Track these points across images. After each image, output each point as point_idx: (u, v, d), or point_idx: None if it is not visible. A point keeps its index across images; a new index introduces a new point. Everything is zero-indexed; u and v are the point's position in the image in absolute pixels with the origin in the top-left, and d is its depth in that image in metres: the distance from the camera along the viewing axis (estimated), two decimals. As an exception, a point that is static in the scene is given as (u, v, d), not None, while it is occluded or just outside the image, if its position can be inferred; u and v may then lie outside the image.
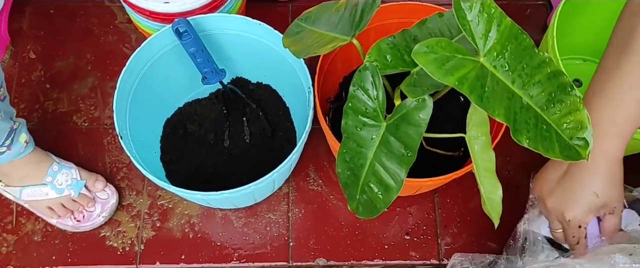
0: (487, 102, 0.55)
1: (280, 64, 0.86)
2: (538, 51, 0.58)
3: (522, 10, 1.12)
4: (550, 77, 0.58)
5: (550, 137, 0.57)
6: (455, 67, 0.54)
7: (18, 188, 0.88)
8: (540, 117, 0.57)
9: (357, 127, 0.63)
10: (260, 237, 0.93)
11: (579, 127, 0.57)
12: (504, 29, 0.57)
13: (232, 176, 0.92)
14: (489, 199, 0.63)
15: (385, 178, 0.62)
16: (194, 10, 0.83)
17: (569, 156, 0.57)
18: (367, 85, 0.62)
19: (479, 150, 0.63)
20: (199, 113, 0.96)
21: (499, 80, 0.56)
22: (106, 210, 0.91)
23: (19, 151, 0.83)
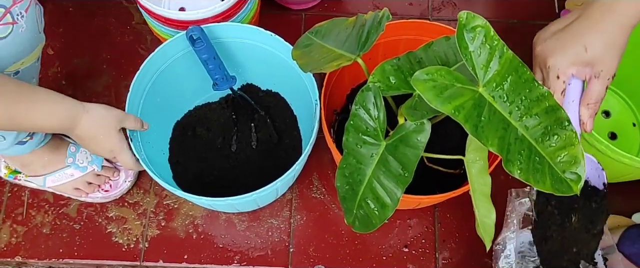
0: (481, 131, 0.56)
1: (289, 74, 0.88)
2: (538, 85, 0.60)
3: (533, 29, 1.11)
4: (548, 110, 0.59)
5: (543, 170, 0.58)
6: (453, 95, 0.56)
7: (42, 177, 0.91)
8: (534, 149, 0.58)
9: (357, 144, 0.65)
10: (262, 241, 0.95)
11: (572, 161, 0.58)
12: (505, 61, 0.59)
13: (237, 180, 0.94)
14: (482, 222, 0.64)
15: (382, 196, 0.63)
16: (207, 19, 0.85)
17: (560, 189, 0.58)
18: (369, 105, 0.64)
19: (476, 174, 0.65)
20: (209, 117, 0.98)
21: (496, 111, 0.58)
22: (130, 175, 0.95)
23: (40, 139, 0.86)
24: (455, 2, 1.16)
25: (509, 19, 1.14)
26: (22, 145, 0.83)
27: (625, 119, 1.03)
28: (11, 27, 0.66)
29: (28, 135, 0.82)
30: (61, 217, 0.95)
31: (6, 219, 0.95)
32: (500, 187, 0.98)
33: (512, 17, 1.14)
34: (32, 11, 0.70)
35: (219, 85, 0.87)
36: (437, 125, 0.84)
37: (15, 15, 0.66)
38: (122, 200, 0.97)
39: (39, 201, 0.96)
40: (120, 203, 0.97)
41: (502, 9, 1.16)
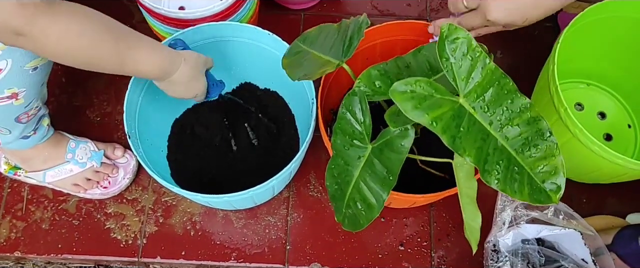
0: (459, 142, 0.57)
1: (287, 73, 0.88)
2: (520, 95, 0.60)
3: (530, 31, 1.13)
4: (530, 121, 0.59)
5: (521, 180, 0.58)
6: (432, 106, 0.56)
7: (41, 172, 0.92)
8: (513, 159, 0.59)
9: (345, 146, 0.66)
10: (259, 238, 0.95)
11: (552, 171, 0.59)
12: (487, 72, 0.59)
13: (235, 178, 0.95)
14: (469, 226, 0.65)
15: (368, 197, 0.64)
16: (206, 18, 0.86)
17: (538, 199, 0.58)
18: (355, 110, 0.65)
19: (463, 177, 0.65)
20: (207, 115, 0.99)
21: (476, 121, 0.58)
22: (129, 172, 0.96)
23: (43, 134, 0.87)
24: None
25: (506, 20, 1.15)
26: (25, 140, 0.84)
27: (621, 121, 1.04)
28: None
29: (32, 129, 0.83)
30: (60, 213, 0.96)
31: (6, 215, 0.96)
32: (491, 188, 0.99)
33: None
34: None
35: (209, 93, 0.86)
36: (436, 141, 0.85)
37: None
38: (120, 197, 0.98)
39: (39, 197, 0.97)
40: (118, 199, 0.98)
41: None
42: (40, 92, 0.78)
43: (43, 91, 0.81)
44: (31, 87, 0.73)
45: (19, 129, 0.81)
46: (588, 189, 0.99)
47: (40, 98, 0.80)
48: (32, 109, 0.79)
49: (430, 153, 0.84)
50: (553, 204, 0.61)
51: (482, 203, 0.92)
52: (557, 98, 0.82)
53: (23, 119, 0.79)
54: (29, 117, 0.80)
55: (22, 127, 0.81)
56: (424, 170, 0.85)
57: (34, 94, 0.76)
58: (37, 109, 0.81)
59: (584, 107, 1.04)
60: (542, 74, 0.94)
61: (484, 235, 0.89)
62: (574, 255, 0.83)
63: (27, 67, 0.70)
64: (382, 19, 1.13)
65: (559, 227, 0.83)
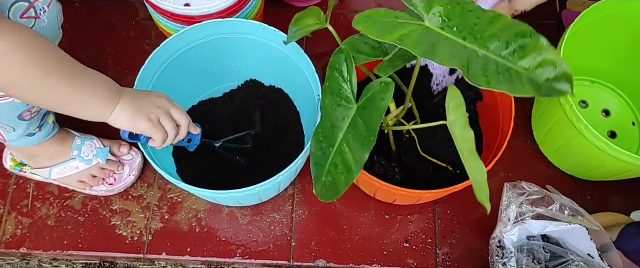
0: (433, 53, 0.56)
1: (292, 70, 0.89)
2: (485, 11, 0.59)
3: (534, 28, 1.13)
4: (506, 27, 0.58)
5: (520, 79, 0.56)
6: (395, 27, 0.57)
7: (47, 169, 0.92)
8: (501, 64, 0.56)
9: (332, 106, 0.68)
10: (264, 235, 0.96)
11: (554, 66, 0.56)
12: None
13: (240, 175, 0.95)
14: (475, 181, 0.62)
15: (349, 160, 0.65)
16: (212, 14, 0.86)
17: (547, 93, 0.55)
18: (342, 68, 0.67)
19: (459, 132, 0.63)
20: (212, 111, 0.99)
21: (448, 38, 0.58)
22: (134, 169, 0.97)
23: (48, 131, 0.87)
24: (457, 1, 1.17)
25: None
26: (30, 137, 0.84)
27: (625, 118, 1.04)
28: (33, 21, 0.67)
29: (37, 126, 0.83)
30: (66, 209, 0.97)
31: (11, 211, 0.96)
32: (499, 185, 1.00)
33: (514, 16, 1.15)
34: (54, 7, 0.71)
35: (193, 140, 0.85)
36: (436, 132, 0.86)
37: (38, 10, 0.68)
38: (126, 193, 0.98)
39: (44, 193, 0.98)
40: (124, 196, 0.98)
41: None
42: None
43: None
44: None
45: (23, 126, 0.81)
46: (592, 186, 0.99)
47: None
48: (35, 106, 0.79)
49: (432, 147, 0.84)
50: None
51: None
52: (562, 95, 0.83)
53: (26, 116, 0.79)
54: (32, 114, 0.80)
55: (26, 125, 0.81)
56: (428, 166, 0.86)
57: None
58: (40, 109, 0.81)
59: (588, 104, 1.05)
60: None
61: (490, 232, 0.89)
62: (580, 250, 0.83)
63: None
64: (386, 17, 1.14)
65: (565, 223, 0.83)
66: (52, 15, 0.71)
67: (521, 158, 1.01)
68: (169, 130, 0.74)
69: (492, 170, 0.79)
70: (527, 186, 0.84)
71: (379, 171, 0.85)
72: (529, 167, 1.00)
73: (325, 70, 0.82)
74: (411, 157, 0.86)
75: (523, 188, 0.84)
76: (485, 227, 0.95)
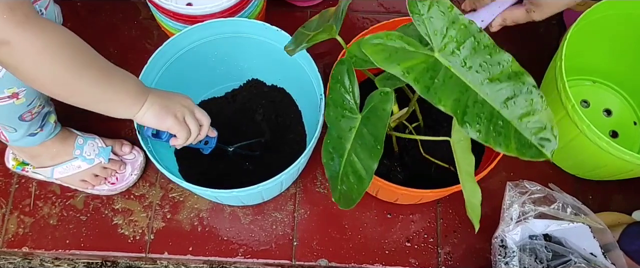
0: (433, 93, 0.56)
1: (295, 70, 0.89)
2: (499, 50, 0.59)
3: (536, 28, 1.14)
4: (511, 76, 0.59)
5: (507, 134, 0.57)
6: (403, 57, 0.57)
7: (49, 168, 0.93)
8: (496, 113, 0.57)
9: (337, 118, 0.68)
10: (266, 234, 0.96)
11: (543, 127, 0.57)
12: (460, 27, 0.59)
13: (242, 174, 0.95)
14: (469, 203, 0.64)
15: (359, 169, 0.65)
16: (215, 14, 0.87)
17: (528, 154, 0.57)
18: (344, 79, 0.67)
19: (460, 154, 0.65)
20: (214, 111, 0.99)
21: (453, 75, 0.58)
22: (136, 168, 0.97)
23: (50, 131, 0.87)
24: (459, 0, 1.17)
25: (512, 17, 1.15)
26: (33, 137, 0.84)
27: (627, 118, 1.04)
28: None
29: (39, 126, 0.83)
30: (68, 208, 0.97)
31: (14, 210, 0.96)
32: (500, 185, 1.00)
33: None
34: (52, 9, 0.71)
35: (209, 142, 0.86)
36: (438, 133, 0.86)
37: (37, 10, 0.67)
38: (128, 193, 0.98)
39: (46, 193, 0.98)
40: (126, 195, 0.98)
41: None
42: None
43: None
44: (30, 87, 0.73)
45: (24, 127, 0.81)
46: (594, 186, 0.99)
47: (42, 96, 0.80)
48: (35, 107, 0.79)
49: (433, 147, 0.84)
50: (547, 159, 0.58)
51: (490, 199, 0.93)
52: (564, 94, 0.83)
53: (27, 117, 0.79)
54: (33, 115, 0.80)
55: (27, 125, 0.81)
56: (430, 166, 0.86)
57: (35, 92, 0.76)
58: (40, 107, 0.81)
59: (590, 104, 1.05)
60: (549, 71, 0.94)
61: (492, 231, 0.89)
62: (583, 249, 0.83)
63: None
64: (388, 16, 1.13)
65: (567, 222, 0.83)
66: (51, 17, 0.71)
67: (523, 158, 1.01)
68: (193, 129, 0.76)
69: (493, 170, 0.79)
70: (529, 185, 0.84)
71: (382, 170, 0.85)
72: (531, 166, 1.00)
73: (326, 69, 0.83)
74: (413, 157, 0.86)
75: (525, 187, 0.84)
76: (487, 227, 0.94)
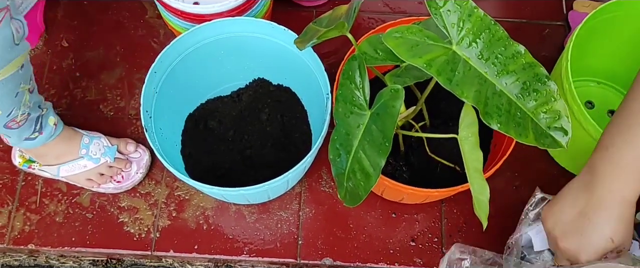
0: (455, 84, 0.57)
1: (301, 69, 0.89)
2: (512, 42, 0.60)
3: (541, 29, 1.14)
4: (525, 67, 0.60)
5: (525, 124, 0.58)
6: (424, 50, 0.58)
7: (56, 167, 0.93)
8: (514, 104, 0.59)
9: (346, 114, 0.68)
10: (271, 233, 0.96)
11: (556, 117, 0.59)
12: (476, 19, 0.60)
13: (248, 173, 0.96)
14: (477, 200, 0.65)
15: (366, 167, 0.66)
16: (222, 13, 0.87)
17: (545, 144, 0.58)
18: (354, 75, 0.67)
19: (468, 151, 0.65)
20: (220, 110, 1.00)
21: (472, 67, 0.59)
22: (142, 167, 0.97)
23: (50, 133, 0.87)
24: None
25: (517, 18, 1.16)
26: (31, 141, 0.85)
27: (631, 119, 1.04)
28: None
29: (35, 131, 0.84)
30: (74, 206, 0.97)
31: (20, 207, 0.97)
32: (505, 185, 1.00)
33: (521, 17, 1.16)
34: (6, 23, 0.67)
35: None
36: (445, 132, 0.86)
37: None
38: (134, 191, 0.98)
39: (53, 190, 0.98)
40: (132, 193, 0.98)
41: (511, 8, 1.17)
42: (18, 102, 0.76)
43: (23, 99, 0.77)
44: (3, 98, 0.72)
45: (15, 134, 0.81)
46: (598, 187, 0.99)
47: (22, 105, 0.77)
48: (18, 116, 0.78)
49: (439, 147, 0.85)
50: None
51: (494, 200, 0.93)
52: (570, 95, 0.83)
53: (13, 126, 0.79)
54: (19, 123, 0.79)
55: (17, 132, 0.81)
56: (436, 165, 0.86)
57: (10, 103, 0.75)
58: (25, 115, 0.79)
59: (594, 105, 1.05)
60: (554, 72, 0.94)
61: (496, 231, 0.89)
62: None
63: None
64: (394, 17, 1.14)
65: None
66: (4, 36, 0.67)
67: (528, 158, 1.01)
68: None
69: (498, 170, 0.79)
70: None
71: (387, 170, 0.85)
72: (536, 167, 1.01)
73: (332, 69, 0.83)
74: (419, 156, 0.86)
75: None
76: (491, 227, 0.94)
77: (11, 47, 0.69)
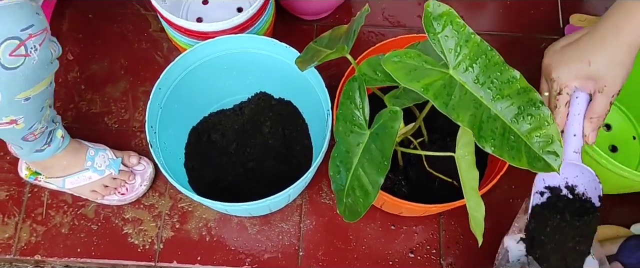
0: (451, 108, 0.59)
1: (302, 84, 0.91)
2: (508, 67, 0.62)
3: (537, 43, 1.16)
4: (520, 92, 0.62)
5: (518, 147, 0.61)
6: (422, 75, 0.60)
7: (61, 179, 0.95)
8: (508, 128, 0.61)
9: (346, 133, 0.70)
10: (272, 244, 0.98)
11: (549, 141, 0.61)
12: (473, 45, 0.62)
13: (250, 185, 0.98)
14: (473, 217, 0.67)
15: (365, 184, 0.68)
16: (226, 30, 0.89)
17: (537, 167, 0.60)
18: (355, 96, 0.69)
19: (465, 169, 0.67)
20: (223, 123, 1.02)
21: (467, 92, 0.61)
22: (146, 179, 0.99)
23: (58, 146, 0.89)
24: (462, 15, 1.19)
25: (514, 32, 1.18)
26: (40, 153, 0.87)
27: (626, 132, 1.06)
28: (23, 59, 0.67)
29: (45, 143, 0.86)
30: (79, 217, 0.99)
31: (26, 219, 0.99)
32: (502, 196, 1.02)
33: (518, 31, 1.18)
34: (46, 45, 0.71)
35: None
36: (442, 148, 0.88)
37: (29, 48, 0.67)
38: (138, 202, 1.00)
39: (58, 202, 1.00)
40: (136, 205, 1.00)
41: (508, 23, 1.19)
42: (41, 116, 0.79)
43: (45, 113, 0.81)
44: (29, 114, 0.75)
45: (29, 146, 0.84)
46: (594, 199, 1.01)
47: (43, 119, 0.81)
48: (38, 129, 0.81)
49: (437, 162, 0.87)
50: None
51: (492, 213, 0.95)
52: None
53: (30, 138, 0.82)
54: (36, 135, 0.82)
55: (32, 144, 0.84)
56: (434, 180, 0.88)
57: (34, 118, 0.78)
58: (43, 128, 0.83)
59: (590, 118, 1.07)
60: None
61: (493, 244, 0.91)
62: None
63: (18, 98, 0.71)
64: (393, 30, 1.16)
65: None
66: (45, 53, 0.71)
67: (524, 171, 1.02)
68: None
69: (496, 183, 0.81)
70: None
71: (386, 184, 0.87)
72: (532, 180, 1.02)
73: (332, 82, 0.85)
74: (417, 171, 0.88)
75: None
76: (488, 239, 0.96)
77: (48, 66, 0.73)
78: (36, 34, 0.68)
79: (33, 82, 0.72)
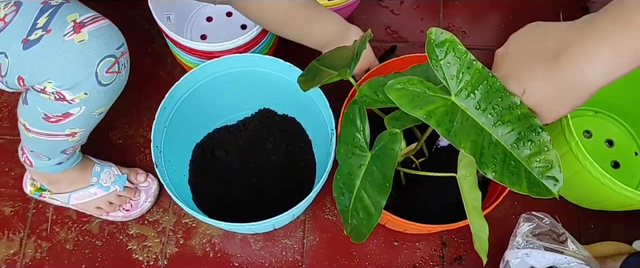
0: (454, 135, 0.60)
1: (306, 102, 0.92)
2: (509, 94, 0.63)
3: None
4: (521, 118, 0.62)
5: (518, 173, 0.61)
6: (425, 102, 0.61)
7: (66, 194, 0.96)
8: (508, 154, 0.62)
9: (347, 155, 0.71)
10: (276, 260, 0.98)
11: (549, 166, 0.61)
12: (475, 71, 0.63)
13: (254, 201, 0.98)
14: (477, 237, 0.67)
15: (368, 206, 0.68)
16: (230, 50, 0.89)
17: (537, 192, 0.61)
18: (356, 119, 0.70)
19: (467, 189, 0.68)
20: (227, 139, 1.02)
21: (469, 117, 0.62)
22: (151, 196, 1.00)
23: (74, 160, 0.91)
24: (465, 30, 1.20)
25: (516, 47, 1.18)
26: (59, 165, 0.88)
27: (628, 148, 1.07)
28: (115, 76, 0.72)
29: (66, 156, 0.87)
30: (84, 233, 0.99)
31: (31, 235, 0.99)
32: (505, 213, 1.02)
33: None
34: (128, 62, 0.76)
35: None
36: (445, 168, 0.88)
37: (121, 66, 0.72)
38: (142, 219, 1.01)
39: (63, 218, 1.00)
40: (140, 221, 1.01)
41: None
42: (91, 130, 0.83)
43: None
44: (89, 128, 0.80)
45: (59, 158, 0.86)
46: (596, 216, 1.02)
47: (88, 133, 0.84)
48: (79, 144, 0.84)
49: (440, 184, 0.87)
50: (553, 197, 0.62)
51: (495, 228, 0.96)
52: (568, 131, 0.85)
53: (69, 151, 0.85)
54: (75, 149, 0.86)
55: (65, 157, 0.87)
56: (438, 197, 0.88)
57: (88, 132, 0.82)
58: (81, 143, 0.85)
59: (592, 134, 1.07)
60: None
61: (496, 260, 0.92)
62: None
63: (95, 113, 0.75)
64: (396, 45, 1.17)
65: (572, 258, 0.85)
66: (127, 71, 0.76)
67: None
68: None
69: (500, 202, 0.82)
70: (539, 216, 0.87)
71: (390, 203, 0.87)
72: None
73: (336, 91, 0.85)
74: (421, 189, 0.89)
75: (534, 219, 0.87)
76: (491, 255, 0.97)
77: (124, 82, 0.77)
78: (126, 52, 0.73)
79: (113, 98, 0.76)
